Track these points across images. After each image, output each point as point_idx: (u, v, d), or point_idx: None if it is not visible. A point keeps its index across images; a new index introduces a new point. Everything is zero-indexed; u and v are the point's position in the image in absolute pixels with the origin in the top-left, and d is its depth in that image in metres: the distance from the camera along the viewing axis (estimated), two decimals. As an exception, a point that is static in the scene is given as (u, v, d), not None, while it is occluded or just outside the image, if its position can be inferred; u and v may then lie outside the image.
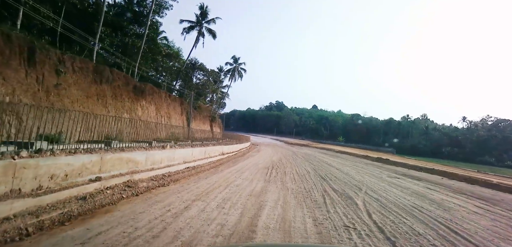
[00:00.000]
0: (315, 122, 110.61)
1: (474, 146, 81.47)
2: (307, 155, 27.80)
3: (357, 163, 22.55)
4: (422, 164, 27.13)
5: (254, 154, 25.34)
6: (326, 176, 12.59)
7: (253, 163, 17.16)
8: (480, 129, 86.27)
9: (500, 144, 78.99)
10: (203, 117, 44.39)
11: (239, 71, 58.77)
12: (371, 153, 39.90)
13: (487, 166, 62.02)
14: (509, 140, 78.63)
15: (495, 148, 79.95)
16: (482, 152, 79.27)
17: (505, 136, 79.94)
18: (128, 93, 22.21)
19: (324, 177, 12.35)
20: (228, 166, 14.81)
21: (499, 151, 79.14)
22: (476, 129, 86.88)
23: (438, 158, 73.14)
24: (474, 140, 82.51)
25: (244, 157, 20.71)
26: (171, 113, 30.83)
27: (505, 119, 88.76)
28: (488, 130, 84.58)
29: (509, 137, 79.80)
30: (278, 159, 20.94)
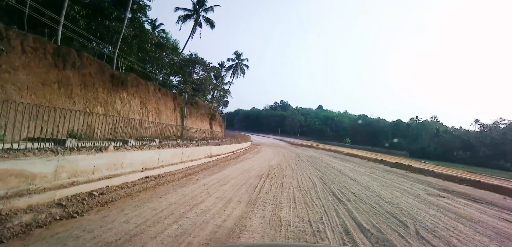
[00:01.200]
0: (321, 123, 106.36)
1: (488, 150, 76.57)
2: (312, 158, 24.06)
3: (373, 169, 18.94)
4: (456, 172, 22.96)
5: (251, 156, 21.71)
6: (341, 193, 8.85)
7: (245, 168, 13.53)
8: (494, 132, 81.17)
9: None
10: (201, 115, 40.89)
11: (241, 68, 55.25)
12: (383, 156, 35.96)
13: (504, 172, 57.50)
14: (526, 144, 73.62)
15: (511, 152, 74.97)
16: (497, 156, 74.39)
17: (523, 140, 74.88)
18: (103, 83, 18.78)
19: (338, 194, 8.59)
20: (211, 172, 11.24)
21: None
22: (490, 132, 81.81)
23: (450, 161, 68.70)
24: (488, 144, 77.54)
25: (237, 160, 17.10)
26: (161, 109, 27.38)
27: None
28: (503, 133, 79.48)
29: (525, 141, 74.78)
30: (278, 163, 17.27)
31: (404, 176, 16.39)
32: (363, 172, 16.05)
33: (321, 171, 14.75)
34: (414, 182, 14.04)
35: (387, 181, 13.43)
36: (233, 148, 23.14)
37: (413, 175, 17.22)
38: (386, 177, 14.78)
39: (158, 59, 29.87)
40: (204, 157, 14.67)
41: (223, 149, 19.16)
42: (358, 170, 16.89)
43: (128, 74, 21.79)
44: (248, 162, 16.55)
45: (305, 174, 12.85)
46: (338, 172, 14.74)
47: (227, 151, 20.34)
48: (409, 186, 12.25)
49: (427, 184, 13.80)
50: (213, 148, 16.78)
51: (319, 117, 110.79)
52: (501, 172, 55.35)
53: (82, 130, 9.48)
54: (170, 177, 9.37)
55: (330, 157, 27.50)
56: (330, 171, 15.14)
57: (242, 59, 55.16)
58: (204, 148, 15.21)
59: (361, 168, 18.62)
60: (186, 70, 34.47)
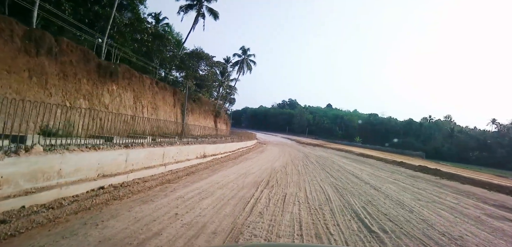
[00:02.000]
0: (330, 122, 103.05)
1: (505, 150, 72.21)
2: (322, 159, 21.45)
3: (395, 174, 16.18)
4: (492, 177, 19.62)
5: (254, 155, 19.27)
6: (369, 215, 6.11)
7: (243, 171, 11.10)
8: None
9: (537, 149, 69.55)
10: (204, 111, 38.65)
11: (248, 63, 52.86)
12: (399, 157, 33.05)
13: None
14: (547, 145, 69.11)
15: (531, 153, 70.52)
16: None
17: (543, 141, 70.35)
18: (88, 74, 16.62)
19: (365, 217, 5.89)
20: (198, 178, 8.88)
21: (536, 157, 69.70)
22: (508, 132, 77.27)
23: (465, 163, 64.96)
24: (506, 144, 73.14)
25: (235, 161, 14.70)
26: (158, 105, 25.19)
27: (540, 122, 78.91)
28: (522, 133, 74.94)
29: (546, 141, 70.22)
30: (282, 164, 14.78)
31: (437, 183, 13.49)
32: (385, 178, 13.32)
33: (334, 176, 12.16)
34: (454, 192, 11.13)
35: (420, 191, 10.56)
36: (234, 146, 20.76)
37: (445, 181, 14.32)
38: (416, 186, 12.03)
39: (158, 51, 27.66)
40: (195, 157, 12.32)
41: (221, 147, 16.79)
42: (378, 175, 14.18)
43: (119, 65, 19.62)
44: (248, 163, 14.12)
45: (315, 181, 10.32)
46: (356, 178, 12.10)
47: (226, 150, 17.97)
48: (453, 201, 9.37)
49: (472, 196, 10.86)
50: (208, 147, 14.40)
51: (328, 116, 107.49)
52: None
53: (60, 125, 7.50)
54: (138, 186, 7.03)
55: (341, 158, 24.80)
56: (345, 176, 12.54)
57: (249, 55, 52.82)
58: (196, 147, 12.85)
59: (381, 172, 15.97)
60: (189, 65, 32.28)
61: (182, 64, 30.74)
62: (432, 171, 17.47)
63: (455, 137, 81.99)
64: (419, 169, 18.82)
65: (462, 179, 15.16)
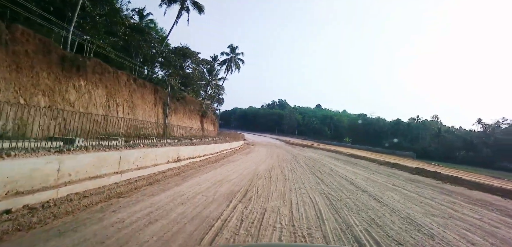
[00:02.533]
0: (319, 122, 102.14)
1: (491, 150, 72.66)
2: (311, 161, 19.90)
3: (392, 177, 14.67)
4: (494, 180, 18.45)
5: (238, 158, 17.55)
6: None
7: (219, 178, 9.38)
8: (497, 132, 77.24)
9: (521, 148, 70.08)
10: (189, 111, 36.66)
11: (236, 62, 51.02)
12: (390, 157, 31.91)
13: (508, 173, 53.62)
14: (531, 144, 69.72)
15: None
16: (500, 157, 70.50)
17: (527, 140, 70.92)
18: (48, 66, 14.57)
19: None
20: (159, 189, 7.14)
21: (520, 157, 70.28)
22: (493, 132, 77.87)
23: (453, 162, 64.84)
24: (491, 144, 73.61)
25: (215, 165, 12.96)
26: (136, 103, 23.17)
27: (522, 122, 79.77)
28: (507, 133, 75.55)
29: (530, 141, 70.83)
30: (268, 168, 13.11)
31: (442, 190, 11.92)
32: (383, 184, 11.76)
33: (326, 182, 10.52)
34: (468, 202, 9.52)
35: (429, 202, 8.80)
36: (218, 148, 18.98)
37: (449, 186, 12.75)
38: (420, 193, 10.45)
39: (138, 47, 25.60)
40: (165, 162, 10.52)
41: (200, 150, 14.99)
42: (374, 180, 12.64)
43: (88, 58, 17.59)
44: (229, 167, 12.39)
45: (304, 190, 8.65)
46: (350, 184, 10.45)
47: (207, 152, 16.19)
48: (474, 216, 7.56)
49: (491, 207, 9.14)
50: (184, 149, 12.60)
51: (318, 117, 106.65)
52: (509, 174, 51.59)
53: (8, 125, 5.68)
54: (70, 204, 5.28)
55: (332, 159, 23.30)
56: (338, 182, 10.93)
57: (237, 54, 50.99)
58: (167, 149, 11.03)
59: (377, 176, 14.40)
60: (173, 61, 30.22)
61: (165, 61, 28.69)
62: (431, 173, 16.05)
63: (442, 137, 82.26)
64: (416, 171, 17.40)
65: (466, 183, 13.77)
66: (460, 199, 9.97)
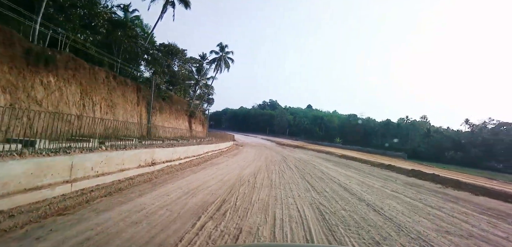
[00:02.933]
0: (310, 123, 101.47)
1: (479, 150, 73.24)
2: (301, 163, 18.79)
3: (389, 181, 13.39)
4: (493, 182, 17.44)
5: (224, 160, 16.30)
6: None
7: (195, 186, 8.12)
8: (484, 133, 77.98)
9: (508, 148, 70.82)
10: (176, 111, 35.08)
11: (225, 61, 49.68)
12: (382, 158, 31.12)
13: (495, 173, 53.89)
14: (517, 144, 70.55)
15: (502, 153, 71.80)
16: (488, 157, 71.12)
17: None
18: (10, 60, 13.01)
19: None
20: (119, 201, 5.91)
21: (507, 156, 71.01)
22: (480, 132, 78.59)
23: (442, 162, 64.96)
24: (479, 144, 74.21)
25: (196, 169, 11.70)
26: (116, 102, 21.64)
27: (507, 123, 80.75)
28: (494, 133, 76.36)
29: (517, 141, 71.68)
30: (254, 172, 11.92)
31: (446, 196, 10.83)
32: (380, 189, 10.66)
33: (317, 189, 9.32)
34: (480, 212, 8.52)
35: (437, 213, 7.57)
36: (202, 149, 17.68)
37: (452, 191, 11.79)
38: (424, 201, 9.26)
39: (118, 42, 24.05)
40: (136, 166, 9.20)
41: (181, 151, 13.68)
42: (370, 185, 11.58)
43: (59, 52, 16.05)
44: (210, 171, 11.14)
45: (291, 198, 7.47)
46: (345, 191, 9.27)
47: (189, 154, 14.89)
48: (497, 233, 6.35)
49: (508, 218, 8.15)
50: (160, 152, 11.27)
51: (308, 117, 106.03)
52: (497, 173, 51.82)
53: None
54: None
55: (323, 161, 22.24)
56: (330, 188, 9.78)
57: (227, 52, 49.67)
58: (139, 152, 9.69)
59: (372, 180, 13.29)
60: (156, 57, 28.64)
61: (149, 58, 27.17)
62: (429, 176, 15.04)
63: (432, 137, 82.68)
64: (413, 174, 16.41)
65: (469, 187, 12.78)
66: (471, 208, 8.88)
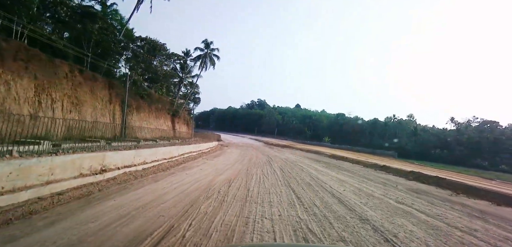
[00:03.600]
0: (299, 122, 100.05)
1: (464, 148, 73.47)
2: (288, 165, 16.95)
3: (391, 188, 11.31)
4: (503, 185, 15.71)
5: (200, 163, 14.26)
6: None
7: (145, 202, 6.11)
8: (470, 131, 78.41)
9: (492, 146, 71.29)
10: (156, 110, 32.67)
11: (211, 58, 47.41)
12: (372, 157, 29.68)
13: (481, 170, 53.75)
14: (501, 142, 71.12)
15: (487, 151, 72.22)
16: (474, 155, 71.37)
17: (497, 138, 72.28)
18: None
19: None
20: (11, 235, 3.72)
21: (492, 154, 71.46)
22: (466, 130, 78.99)
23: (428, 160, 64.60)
24: (465, 142, 74.46)
25: (162, 175, 9.69)
26: (83, 99, 19.26)
27: (491, 121, 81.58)
28: (479, 132, 76.83)
29: (500, 138, 72.27)
30: (230, 178, 9.96)
31: (467, 208, 8.71)
32: (382, 199, 8.65)
33: (305, 201, 7.32)
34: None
35: (468, 238, 5.64)
36: (177, 151, 15.58)
37: (467, 200, 10.05)
38: (448, 220, 6.97)
39: (88, 33, 21.64)
40: (75, 176, 7.11)
41: (147, 154, 11.56)
42: (369, 192, 9.67)
43: (5, 39, 13.67)
44: (176, 179, 9.12)
45: (268, 220, 5.45)
46: (340, 204, 7.32)
47: (160, 157, 12.79)
48: None
49: None
50: (114, 156, 9.15)
51: (297, 117, 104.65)
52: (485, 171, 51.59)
53: None
54: None
55: (312, 162, 20.43)
56: (321, 199, 7.84)
57: (212, 49, 47.37)
58: (80, 157, 7.56)
59: (370, 186, 11.35)
60: (137, 53, 26.33)
61: (126, 52, 24.79)
62: (433, 180, 13.06)
63: (419, 135, 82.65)
64: (413, 176, 14.64)
65: (482, 193, 10.95)
66: (501, 227, 6.92)
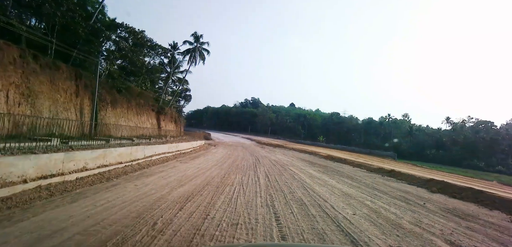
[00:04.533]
0: (293, 121, 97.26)
1: (460, 148, 71.46)
2: (278, 169, 14.13)
3: (415, 206, 8.34)
4: None
5: (167, 168, 11.33)
6: None
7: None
8: (466, 131, 76.47)
9: (488, 147, 69.40)
10: (137, 106, 29.52)
11: (201, 53, 44.34)
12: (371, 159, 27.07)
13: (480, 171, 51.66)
14: (497, 143, 69.28)
15: (483, 151, 70.32)
16: (470, 155, 69.36)
17: (493, 138, 70.40)
18: None
19: None
20: None
21: (488, 155, 69.58)
22: (462, 131, 77.02)
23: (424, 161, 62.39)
24: (461, 142, 72.44)
25: (97, 189, 6.72)
26: (38, 90, 16.20)
27: (486, 121, 79.80)
28: (475, 132, 74.92)
29: (496, 139, 70.43)
30: (192, 192, 7.10)
31: None
32: (415, 231, 5.75)
33: (295, 239, 4.61)
34: None
35: None
36: (144, 152, 12.63)
37: (505, 221, 7.58)
38: None
39: (49, 17, 18.54)
40: None
41: (92, 157, 8.62)
42: (393, 218, 6.66)
43: None
44: (112, 194, 6.21)
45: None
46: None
47: (112, 161, 9.85)
48: None
49: None
50: (19, 163, 6.21)
51: (291, 115, 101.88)
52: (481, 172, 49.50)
53: None
54: None
55: (306, 165, 17.57)
56: (321, 231, 4.93)
57: (202, 43, 44.29)
58: None
59: (388, 204, 8.26)
60: (101, 34, 23.05)
61: (93, 38, 21.64)
62: (468, 194, 9.61)
63: (414, 135, 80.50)
64: (438, 187, 11.41)
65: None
66: None
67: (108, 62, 23.11)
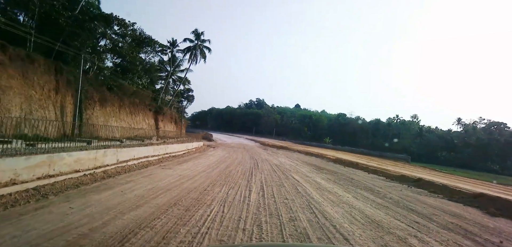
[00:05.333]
0: (298, 122, 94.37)
1: (472, 150, 67.74)
2: (278, 176, 11.70)
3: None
4: None
5: (141, 175, 8.96)
6: None
7: None
8: (478, 132, 72.61)
9: (502, 149, 65.61)
10: (131, 105, 27.29)
11: (202, 51, 42.17)
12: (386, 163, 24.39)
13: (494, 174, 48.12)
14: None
15: (497, 153, 66.58)
16: (483, 158, 65.67)
17: (508, 140, 66.53)
18: None
19: None
20: None
21: (502, 157, 65.84)
22: (474, 132, 73.16)
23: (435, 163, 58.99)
24: (473, 144, 68.69)
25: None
26: (6, 85, 13.99)
27: (499, 122, 75.80)
28: (487, 133, 71.01)
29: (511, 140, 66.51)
30: (159, 210, 4.64)
31: None
32: None
33: None
34: None
35: None
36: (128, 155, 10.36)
37: None
38: None
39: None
40: None
41: (29, 166, 6.28)
42: None
43: None
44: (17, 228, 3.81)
45: None
46: None
47: (62, 169, 7.53)
48: None
49: None
50: None
51: (296, 116, 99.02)
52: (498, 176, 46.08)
53: None
54: None
55: (312, 171, 14.99)
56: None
57: (203, 40, 42.14)
58: None
59: (439, 243, 5.19)
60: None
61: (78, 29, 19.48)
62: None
63: (424, 137, 76.83)
64: (495, 207, 8.47)
65: None
66: None
67: (95, 56, 20.93)
